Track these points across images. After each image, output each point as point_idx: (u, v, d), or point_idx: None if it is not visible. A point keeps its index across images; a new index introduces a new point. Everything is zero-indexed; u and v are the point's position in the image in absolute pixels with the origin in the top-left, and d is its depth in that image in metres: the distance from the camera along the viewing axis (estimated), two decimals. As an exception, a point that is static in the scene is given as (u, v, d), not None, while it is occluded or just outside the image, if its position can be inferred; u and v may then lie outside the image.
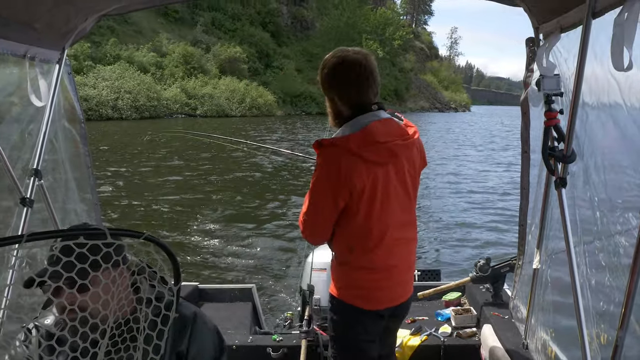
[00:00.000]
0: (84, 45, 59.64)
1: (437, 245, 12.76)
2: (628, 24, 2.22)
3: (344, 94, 3.04)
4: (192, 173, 21.54)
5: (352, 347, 3.33)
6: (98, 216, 4.79)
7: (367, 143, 2.91)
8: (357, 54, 3.01)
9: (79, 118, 4.49)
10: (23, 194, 3.51)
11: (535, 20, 3.55)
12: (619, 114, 2.65)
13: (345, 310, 3.24)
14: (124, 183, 18.81)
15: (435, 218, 15.60)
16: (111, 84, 58.39)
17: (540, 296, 3.87)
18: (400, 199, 3.13)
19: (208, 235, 12.56)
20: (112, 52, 64.83)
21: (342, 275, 3.23)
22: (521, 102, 3.93)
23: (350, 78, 2.99)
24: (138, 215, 14.56)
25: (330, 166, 2.93)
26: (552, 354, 3.63)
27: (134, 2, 3.92)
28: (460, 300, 5.38)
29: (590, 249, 2.96)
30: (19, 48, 3.31)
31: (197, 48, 75.77)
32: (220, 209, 15.41)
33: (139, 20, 74.14)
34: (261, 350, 4.59)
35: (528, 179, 4.16)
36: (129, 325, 2.05)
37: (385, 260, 3.14)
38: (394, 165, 3.05)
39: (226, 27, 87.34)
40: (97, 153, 25.59)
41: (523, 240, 4.35)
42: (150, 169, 22.46)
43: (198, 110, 67.44)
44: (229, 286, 5.77)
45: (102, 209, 4.96)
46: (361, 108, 3.03)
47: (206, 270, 10.15)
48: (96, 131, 38.16)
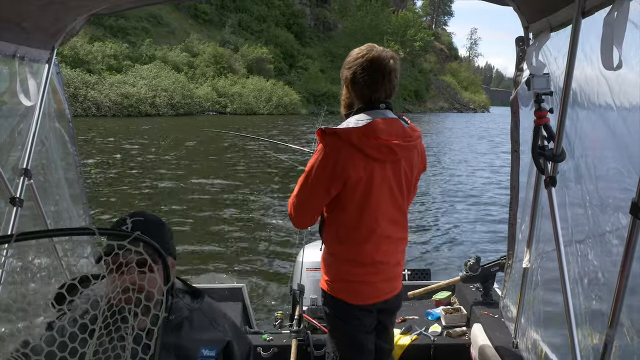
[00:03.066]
0: (122, 46, 63.31)
1: (426, 244, 12.77)
2: (618, 23, 2.23)
3: (357, 86, 3.11)
4: (183, 172, 21.48)
5: (348, 340, 3.37)
6: (87, 215, 4.79)
7: (368, 138, 2.97)
8: (384, 52, 3.11)
9: (68, 117, 4.48)
10: (12, 193, 3.50)
11: (525, 19, 3.56)
12: (608, 113, 2.65)
13: (336, 304, 3.29)
14: (115, 181, 18.75)
15: (425, 217, 15.61)
16: (149, 82, 60.68)
17: (530, 295, 3.88)
18: (394, 198, 3.18)
19: (198, 235, 12.53)
20: (148, 52, 67.36)
21: (331, 267, 3.29)
22: (511, 101, 3.94)
23: (367, 73, 3.06)
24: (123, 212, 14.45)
25: (328, 154, 2.99)
26: (541, 353, 3.64)
27: (123, 1, 3.90)
28: (450, 299, 5.39)
29: (581, 248, 2.96)
30: (8, 47, 3.30)
31: (226, 48, 77.91)
32: (209, 208, 15.37)
33: (170, 22, 76.97)
34: None
35: (518, 178, 4.17)
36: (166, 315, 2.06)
37: (372, 256, 3.18)
38: (392, 164, 3.10)
39: (252, 28, 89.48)
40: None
41: (513, 239, 4.36)
42: (143, 167, 22.40)
43: (228, 108, 69.35)
44: (219, 286, 5.76)
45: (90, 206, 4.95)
46: (370, 104, 3.11)
47: (196, 270, 10.12)
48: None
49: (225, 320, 2.71)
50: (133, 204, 15.49)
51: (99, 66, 59.60)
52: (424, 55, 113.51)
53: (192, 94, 65.20)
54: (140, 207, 15.14)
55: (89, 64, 58.29)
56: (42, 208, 3.92)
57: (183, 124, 47.05)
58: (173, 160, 24.49)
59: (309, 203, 3.14)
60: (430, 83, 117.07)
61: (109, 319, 1.91)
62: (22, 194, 3.57)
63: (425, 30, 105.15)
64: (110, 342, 1.93)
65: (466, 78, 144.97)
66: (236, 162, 24.37)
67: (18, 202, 3.51)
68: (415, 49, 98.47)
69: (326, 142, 3.01)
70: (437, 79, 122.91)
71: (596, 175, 2.89)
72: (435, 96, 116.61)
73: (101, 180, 18.77)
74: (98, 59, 59.94)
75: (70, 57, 54.71)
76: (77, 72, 53.93)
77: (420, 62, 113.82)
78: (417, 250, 12.13)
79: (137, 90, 58.23)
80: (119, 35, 67.83)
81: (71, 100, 49.60)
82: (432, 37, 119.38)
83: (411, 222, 14.55)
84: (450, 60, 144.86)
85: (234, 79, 74.27)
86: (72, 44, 56.37)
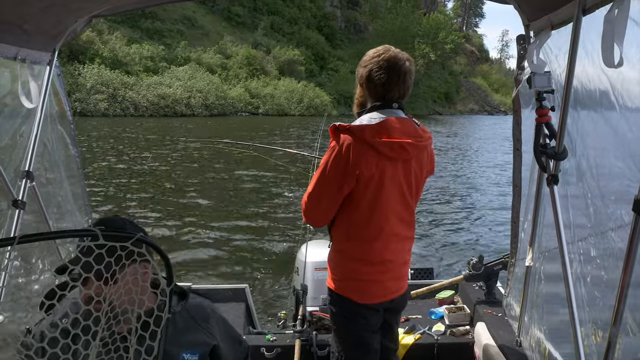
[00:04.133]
0: (159, 48, 65.05)
1: (430, 243, 12.75)
2: (618, 21, 2.23)
3: (372, 85, 3.14)
4: (183, 173, 21.48)
5: (354, 339, 3.37)
6: (89, 217, 4.79)
7: (381, 135, 2.99)
8: (400, 54, 3.15)
9: (69, 119, 4.49)
10: (15, 196, 3.50)
11: (526, 17, 3.55)
12: (610, 110, 2.65)
13: (343, 303, 3.29)
14: (116, 182, 18.75)
15: (428, 215, 15.60)
16: (184, 83, 62.25)
17: (534, 293, 3.87)
18: (403, 197, 3.19)
19: (201, 236, 12.52)
20: (183, 54, 68.89)
21: (338, 265, 3.29)
22: (513, 100, 3.94)
23: (384, 72, 3.09)
24: (127, 214, 14.51)
25: (341, 150, 3.00)
26: (545, 351, 3.64)
27: (125, 2, 3.90)
28: (453, 298, 5.39)
29: (584, 246, 2.96)
30: (10, 50, 3.30)
31: (259, 50, 79.01)
32: (212, 209, 15.37)
33: (205, 24, 78.49)
34: (255, 350, 4.58)
35: (520, 177, 4.17)
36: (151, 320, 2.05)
37: (381, 254, 3.19)
38: (403, 163, 3.12)
39: (284, 31, 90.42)
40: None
41: (516, 237, 4.36)
42: (143, 167, 22.41)
43: (260, 109, 70.48)
44: (222, 286, 5.76)
45: (92, 208, 4.96)
46: (383, 103, 3.13)
47: (199, 271, 10.12)
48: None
49: (215, 321, 2.66)
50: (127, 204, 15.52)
51: (137, 67, 60.98)
52: (454, 58, 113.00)
53: (225, 95, 66.59)
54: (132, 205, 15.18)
55: (127, 66, 59.70)
56: (44, 210, 3.92)
57: (216, 124, 47.79)
58: (174, 162, 24.50)
59: (323, 201, 3.15)
60: (460, 85, 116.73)
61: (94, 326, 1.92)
62: (25, 196, 3.57)
63: (456, 32, 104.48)
64: (105, 347, 1.94)
65: (497, 80, 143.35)
66: (239, 161, 24.36)
67: (20, 204, 3.51)
68: (445, 52, 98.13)
69: (339, 139, 3.03)
70: (468, 81, 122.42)
71: (598, 173, 2.89)
72: (465, 98, 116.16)
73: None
74: (136, 61, 61.39)
75: (109, 59, 56.50)
76: (116, 74, 55.53)
77: (450, 64, 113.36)
78: (420, 249, 12.10)
79: (173, 91, 59.73)
80: (155, 37, 69.22)
81: (110, 100, 51.88)
82: (462, 39, 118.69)
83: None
84: (481, 62, 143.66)
85: (266, 81, 75.23)
86: (112, 46, 58.57)
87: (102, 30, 61.07)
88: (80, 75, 53.06)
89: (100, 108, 52.14)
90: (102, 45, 59.06)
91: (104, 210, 14.52)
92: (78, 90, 51.54)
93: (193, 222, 13.84)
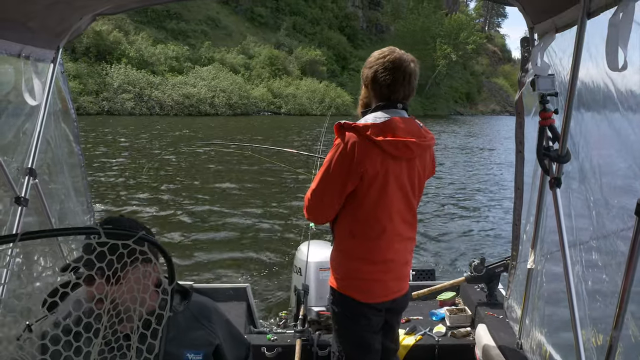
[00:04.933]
0: (183, 48, 66.23)
1: (431, 244, 12.74)
2: (623, 24, 2.22)
3: (377, 85, 3.15)
4: (186, 173, 21.49)
5: (355, 339, 3.38)
6: (92, 214, 4.80)
7: (386, 134, 3.01)
8: (405, 55, 3.16)
9: (72, 117, 4.49)
10: (17, 193, 3.50)
11: (530, 20, 3.55)
12: (613, 114, 2.65)
13: (345, 302, 3.29)
14: (118, 183, 18.76)
15: (430, 217, 15.58)
16: (208, 83, 63.35)
17: (535, 296, 3.87)
18: (406, 196, 3.21)
19: (203, 235, 12.52)
20: (207, 55, 69.91)
21: (341, 265, 3.29)
22: (515, 102, 3.94)
23: (389, 72, 3.10)
24: (129, 214, 14.52)
25: (346, 148, 3.01)
26: (546, 353, 3.64)
27: (128, 1, 3.91)
28: (454, 300, 5.38)
29: (586, 249, 2.96)
30: (14, 47, 3.30)
31: (281, 51, 79.80)
32: (214, 209, 15.37)
33: (228, 25, 79.41)
34: (256, 349, 4.58)
35: (522, 179, 4.17)
36: (153, 318, 2.05)
37: (384, 253, 3.20)
38: (407, 162, 3.14)
39: (306, 31, 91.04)
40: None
41: (517, 240, 4.36)
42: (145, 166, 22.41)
43: (282, 108, 71.48)
44: (224, 286, 5.76)
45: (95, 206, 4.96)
46: (388, 103, 3.15)
47: (200, 270, 10.12)
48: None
49: (218, 320, 2.65)
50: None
51: (162, 67, 61.96)
52: (476, 58, 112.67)
53: (248, 94, 67.32)
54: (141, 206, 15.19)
55: (153, 66, 60.81)
56: (47, 207, 3.92)
57: (238, 123, 48.49)
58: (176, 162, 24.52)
59: (326, 198, 3.16)
60: (482, 85, 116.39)
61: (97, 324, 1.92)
62: (27, 193, 3.57)
63: (477, 33, 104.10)
64: (108, 345, 1.95)
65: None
66: (240, 161, 24.35)
67: (23, 201, 3.51)
68: (467, 52, 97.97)
69: (344, 137, 3.04)
70: (489, 82, 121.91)
71: (601, 177, 2.89)
72: (486, 99, 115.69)
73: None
74: (161, 61, 62.44)
75: (135, 59, 57.82)
76: (142, 74, 56.67)
77: (472, 65, 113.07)
78: (422, 250, 12.09)
79: (197, 91, 60.70)
80: (180, 38, 70.16)
81: (137, 100, 52.98)
82: (484, 39, 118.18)
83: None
84: (503, 63, 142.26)
85: (288, 81, 75.96)
86: (138, 47, 59.64)
87: (129, 31, 62.19)
88: (108, 75, 54.25)
89: (127, 107, 53.13)
90: (128, 46, 60.13)
91: (104, 208, 14.53)
92: (106, 89, 52.90)
93: (195, 221, 13.85)
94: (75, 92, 47.91)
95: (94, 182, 17.35)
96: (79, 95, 48.91)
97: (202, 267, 10.33)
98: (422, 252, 11.93)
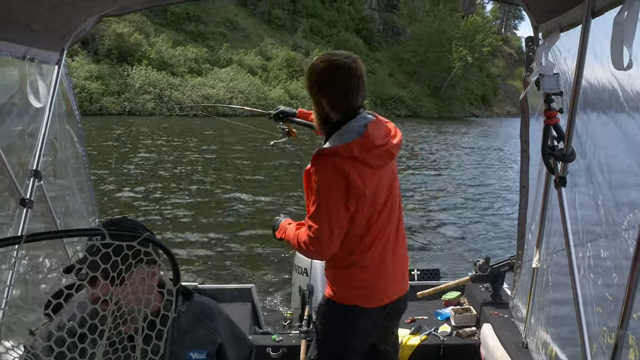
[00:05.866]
0: (202, 50, 66.41)
1: (436, 244, 12.74)
2: (628, 23, 2.22)
3: (335, 99, 3.00)
4: (190, 172, 21.51)
5: (339, 351, 3.30)
6: (97, 216, 4.81)
7: (369, 148, 2.92)
8: (347, 59, 2.99)
9: (77, 119, 4.50)
10: (23, 195, 3.51)
11: (535, 19, 3.55)
12: (619, 112, 2.65)
13: (343, 312, 3.21)
14: (120, 182, 18.79)
15: (434, 217, 15.59)
16: (226, 84, 63.41)
17: (540, 295, 3.87)
18: (392, 196, 3.15)
19: (207, 235, 12.53)
20: (225, 56, 69.90)
21: (340, 276, 3.21)
22: (520, 101, 3.94)
23: (342, 83, 2.97)
24: (135, 216, 14.55)
25: (336, 174, 2.88)
26: (552, 353, 3.63)
27: (133, 3, 3.91)
28: (459, 299, 5.38)
29: (593, 248, 2.95)
30: (19, 49, 3.31)
31: (298, 53, 79.62)
32: (220, 208, 15.39)
33: (246, 27, 79.46)
34: (261, 350, 4.58)
35: (527, 178, 4.16)
36: (158, 319, 2.06)
37: (381, 258, 3.13)
38: (392, 165, 3.11)
39: (322, 33, 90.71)
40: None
41: (522, 239, 4.36)
42: (150, 166, 22.45)
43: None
44: (229, 286, 5.77)
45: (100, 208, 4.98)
46: (350, 113, 3.01)
47: (206, 271, 10.14)
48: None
49: (220, 319, 2.64)
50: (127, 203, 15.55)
51: (181, 69, 62.10)
52: (492, 60, 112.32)
53: (266, 95, 67.12)
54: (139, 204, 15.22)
55: (173, 67, 60.98)
56: (52, 209, 3.93)
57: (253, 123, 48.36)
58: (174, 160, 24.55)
59: (336, 228, 2.97)
60: (497, 88, 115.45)
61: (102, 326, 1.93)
62: (33, 195, 3.58)
63: (493, 35, 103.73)
64: (112, 346, 1.95)
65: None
66: (242, 158, 24.40)
67: (28, 203, 3.52)
68: (483, 54, 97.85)
69: (329, 164, 2.90)
70: (505, 84, 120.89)
71: (608, 175, 2.89)
72: (502, 101, 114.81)
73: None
74: (180, 62, 62.48)
75: (156, 61, 58.63)
76: (162, 75, 57.03)
77: (488, 67, 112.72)
78: (427, 250, 12.10)
79: (216, 92, 60.60)
80: (199, 39, 70.26)
81: (157, 100, 53.55)
82: (500, 41, 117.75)
83: (421, 223, 14.62)
84: (520, 65, 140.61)
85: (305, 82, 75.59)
86: (158, 49, 60.24)
87: (149, 33, 62.53)
88: (129, 76, 54.60)
89: (148, 108, 53.53)
90: (149, 48, 60.45)
91: (109, 206, 14.56)
92: (127, 90, 53.25)
93: (199, 221, 13.87)
94: (98, 93, 48.85)
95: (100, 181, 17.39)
96: (102, 96, 49.57)
97: (207, 268, 10.35)
98: (427, 251, 11.94)
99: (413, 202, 17.50)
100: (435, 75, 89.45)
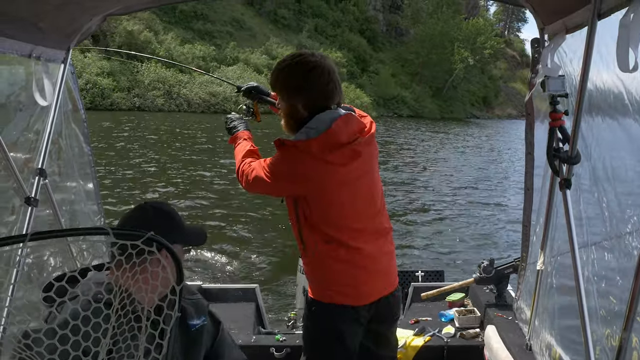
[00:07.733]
0: (210, 48, 67.22)
1: (440, 246, 12.74)
2: (634, 25, 2.21)
3: (313, 100, 2.99)
4: (193, 171, 21.52)
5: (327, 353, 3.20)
6: (102, 214, 4.82)
7: (330, 147, 2.88)
8: (315, 57, 2.99)
9: (82, 117, 4.51)
10: (27, 193, 3.51)
11: (541, 21, 3.54)
12: (625, 115, 2.65)
13: (326, 312, 3.11)
14: (122, 179, 18.80)
15: (439, 218, 15.58)
16: (233, 82, 62.66)
17: (545, 297, 3.86)
18: (366, 192, 3.08)
19: (212, 235, 12.53)
20: (232, 55, 70.71)
21: (320, 271, 3.12)
22: (525, 103, 3.93)
23: (323, 84, 2.97)
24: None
25: (290, 165, 2.92)
26: (555, 355, 3.63)
27: (139, 1, 3.92)
28: (463, 301, 5.37)
29: (598, 250, 2.95)
30: (25, 47, 3.31)
31: None
32: (223, 207, 15.40)
33: (252, 26, 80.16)
34: (264, 350, 4.59)
35: (532, 180, 4.16)
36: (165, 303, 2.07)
37: (364, 253, 3.04)
38: (358, 163, 2.98)
39: (327, 33, 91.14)
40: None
41: (527, 241, 4.35)
42: (154, 165, 22.46)
43: None
44: (233, 286, 5.77)
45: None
46: (322, 110, 2.98)
47: (210, 270, 10.15)
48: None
49: (214, 314, 2.74)
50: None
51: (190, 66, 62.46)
52: (493, 62, 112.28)
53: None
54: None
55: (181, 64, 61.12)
56: (57, 208, 3.94)
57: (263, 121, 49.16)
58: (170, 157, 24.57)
59: (269, 190, 3.12)
60: (499, 90, 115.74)
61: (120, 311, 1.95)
62: (37, 193, 3.59)
63: (495, 37, 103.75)
64: (122, 334, 1.96)
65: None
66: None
67: (33, 201, 3.52)
68: (484, 56, 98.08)
69: (287, 155, 2.92)
70: (507, 86, 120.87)
71: (614, 178, 2.88)
72: (503, 103, 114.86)
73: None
74: (189, 60, 62.72)
75: (165, 58, 58.07)
76: (171, 72, 57.55)
77: (490, 69, 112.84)
78: (431, 251, 12.10)
79: (223, 90, 61.18)
80: (206, 38, 70.84)
81: (166, 97, 54.65)
82: (502, 44, 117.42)
83: (424, 223, 14.62)
84: (522, 67, 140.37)
85: None
86: (167, 46, 61.24)
87: (158, 31, 63.15)
88: (139, 73, 55.17)
89: (157, 104, 54.27)
90: (158, 45, 60.97)
91: (113, 203, 14.58)
92: (137, 86, 53.93)
93: (203, 221, 13.86)
94: (109, 89, 49.44)
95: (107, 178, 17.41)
96: (113, 92, 50.25)
97: (211, 268, 10.36)
98: (431, 253, 11.94)
99: (416, 203, 17.51)
100: (437, 77, 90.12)
